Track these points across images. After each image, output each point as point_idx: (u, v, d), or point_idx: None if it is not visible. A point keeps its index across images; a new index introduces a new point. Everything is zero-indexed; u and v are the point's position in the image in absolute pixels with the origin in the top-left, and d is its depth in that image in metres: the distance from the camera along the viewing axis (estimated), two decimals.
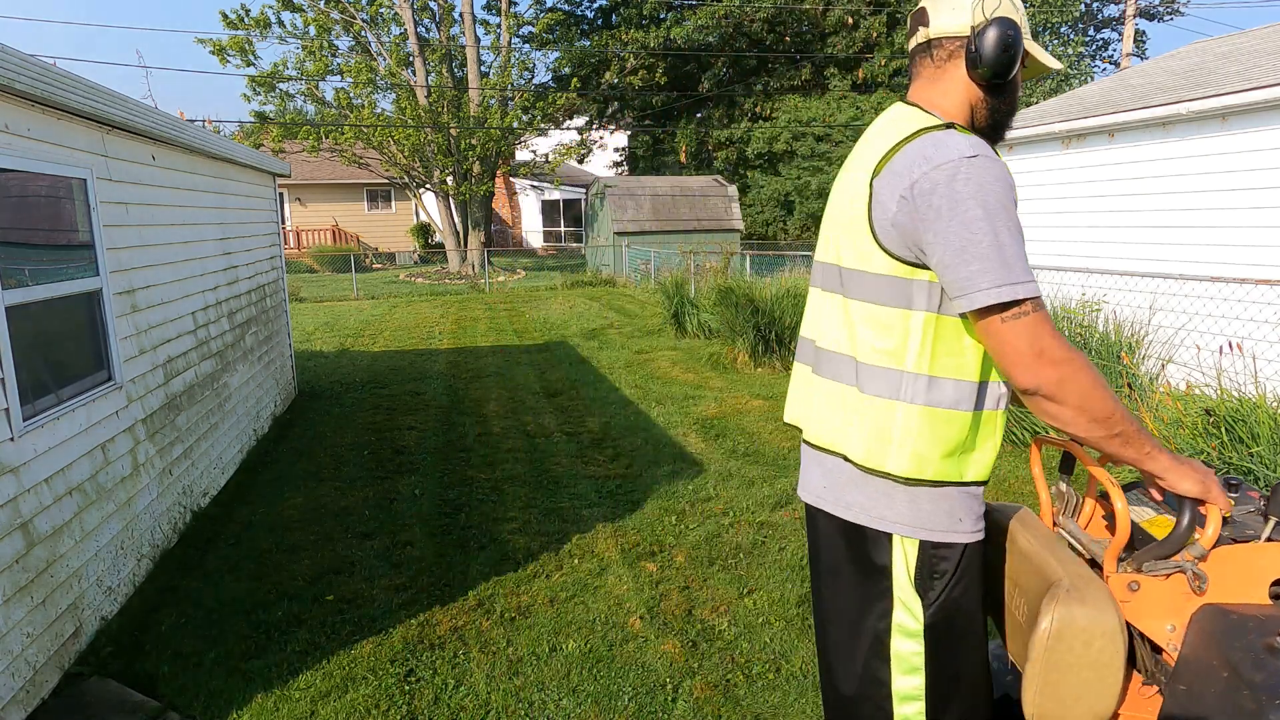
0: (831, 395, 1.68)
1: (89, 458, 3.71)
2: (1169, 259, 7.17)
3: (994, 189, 1.44)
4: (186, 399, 5.12)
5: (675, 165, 30.28)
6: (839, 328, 1.65)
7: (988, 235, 1.41)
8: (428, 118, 22.09)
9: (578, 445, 6.52)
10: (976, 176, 1.43)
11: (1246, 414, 3.93)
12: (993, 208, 1.42)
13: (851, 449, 1.61)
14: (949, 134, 1.50)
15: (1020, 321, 1.41)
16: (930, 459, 1.54)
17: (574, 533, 4.69)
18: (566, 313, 15.27)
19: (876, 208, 1.53)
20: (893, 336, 1.54)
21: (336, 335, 13.16)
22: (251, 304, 7.03)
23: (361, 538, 4.71)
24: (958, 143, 1.47)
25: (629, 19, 27.75)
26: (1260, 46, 8.64)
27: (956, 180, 1.43)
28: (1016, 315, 1.41)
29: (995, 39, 1.54)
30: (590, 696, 3.11)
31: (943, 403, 1.53)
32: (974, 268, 1.41)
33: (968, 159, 1.44)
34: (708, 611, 3.73)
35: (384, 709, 3.06)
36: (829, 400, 1.68)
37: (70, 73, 3.67)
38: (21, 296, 3.25)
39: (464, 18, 22.96)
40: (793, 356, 9.24)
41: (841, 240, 1.64)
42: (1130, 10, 21.34)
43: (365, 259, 28.49)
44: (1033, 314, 1.41)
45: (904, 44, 25.61)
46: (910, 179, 1.48)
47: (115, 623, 3.74)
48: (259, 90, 22.60)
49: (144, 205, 4.68)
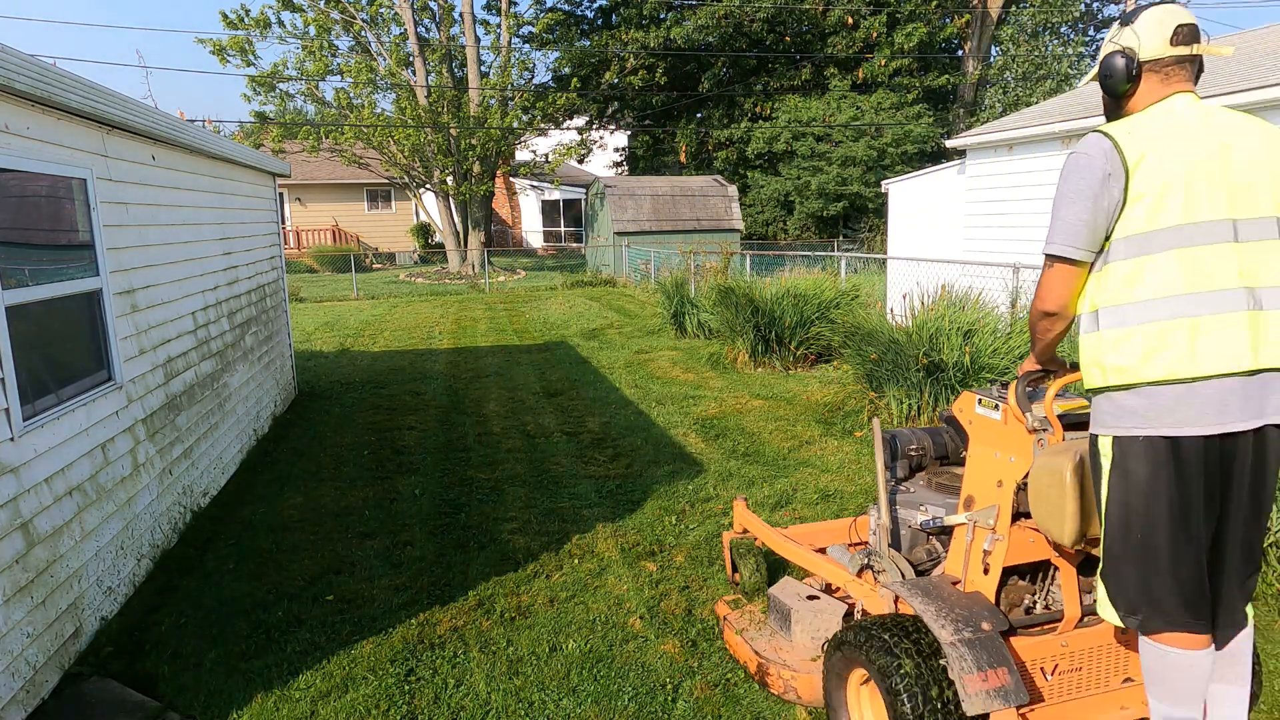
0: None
1: (89, 458, 3.71)
2: None
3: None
4: (186, 399, 5.12)
5: (675, 165, 30.28)
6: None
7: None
8: (428, 118, 22.09)
9: (578, 445, 6.52)
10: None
11: None
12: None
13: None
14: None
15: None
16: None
17: (574, 533, 4.69)
18: (566, 313, 15.28)
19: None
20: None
21: (336, 335, 13.17)
22: (251, 304, 7.03)
23: (361, 538, 4.71)
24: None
25: (629, 19, 27.75)
26: (1260, 46, 8.65)
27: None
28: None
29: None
30: (590, 696, 3.11)
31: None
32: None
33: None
34: (708, 611, 3.73)
35: (384, 709, 3.06)
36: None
37: (70, 73, 3.67)
38: (22, 296, 3.25)
39: (464, 18, 22.95)
40: (792, 356, 9.25)
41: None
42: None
43: (365, 259, 28.50)
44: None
45: (904, 43, 25.08)
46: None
47: (115, 623, 3.74)
48: (259, 90, 22.60)
49: (144, 205, 4.68)
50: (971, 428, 2.71)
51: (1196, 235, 2.05)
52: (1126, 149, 2.08)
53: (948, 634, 2.37)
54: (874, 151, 24.61)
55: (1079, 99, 9.70)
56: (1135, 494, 2.11)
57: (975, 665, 2.30)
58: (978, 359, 6.40)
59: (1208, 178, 2.06)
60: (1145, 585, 2.13)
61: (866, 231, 25.39)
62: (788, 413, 7.31)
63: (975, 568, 2.60)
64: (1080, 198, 2.11)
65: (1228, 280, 2.04)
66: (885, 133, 24.83)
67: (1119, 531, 2.16)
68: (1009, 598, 2.61)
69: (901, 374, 6.77)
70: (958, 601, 2.51)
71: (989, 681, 2.28)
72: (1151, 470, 2.08)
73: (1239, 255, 2.05)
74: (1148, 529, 2.10)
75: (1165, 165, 2.06)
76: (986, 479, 2.60)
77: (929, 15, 26.03)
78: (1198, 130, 2.11)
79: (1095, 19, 29.07)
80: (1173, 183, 2.05)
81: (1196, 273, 2.04)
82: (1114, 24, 2.32)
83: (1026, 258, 8.53)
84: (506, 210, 35.88)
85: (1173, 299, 2.05)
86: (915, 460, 3.14)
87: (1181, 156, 2.07)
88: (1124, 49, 2.19)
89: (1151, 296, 2.07)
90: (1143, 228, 2.08)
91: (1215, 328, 2.03)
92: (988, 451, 2.62)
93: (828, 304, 9.48)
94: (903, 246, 12.09)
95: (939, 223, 11.25)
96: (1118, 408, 2.13)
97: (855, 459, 5.96)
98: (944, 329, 6.69)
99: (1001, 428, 2.56)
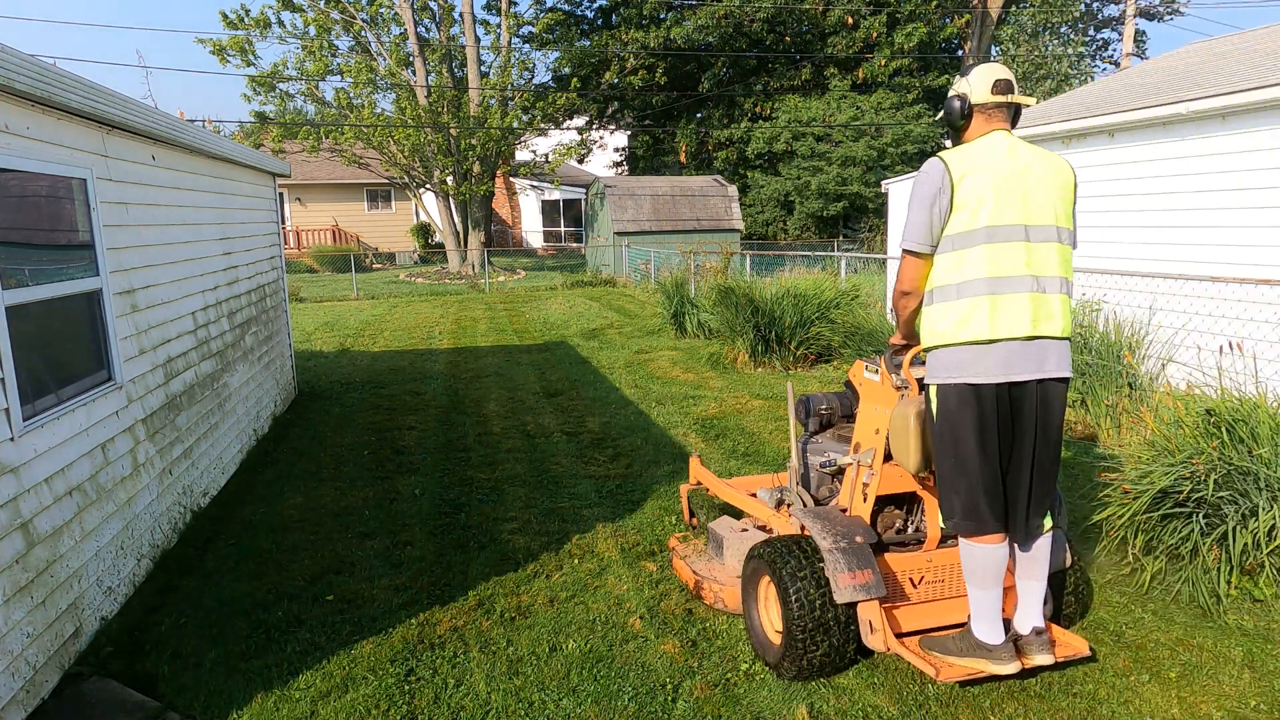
0: (1063, 301, 2.79)
1: (89, 458, 3.71)
2: (1169, 259, 7.17)
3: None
4: (186, 399, 5.12)
5: (675, 165, 30.26)
6: (1059, 261, 2.80)
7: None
8: (428, 118, 22.08)
9: (578, 445, 6.52)
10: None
11: (1247, 414, 3.93)
12: None
13: (1068, 332, 2.80)
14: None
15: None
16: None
17: (574, 533, 4.69)
18: (566, 313, 15.28)
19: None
20: (1070, 266, 2.86)
21: (336, 335, 13.16)
22: (251, 304, 7.03)
23: (361, 538, 4.71)
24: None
25: (629, 19, 27.73)
26: (1260, 46, 8.64)
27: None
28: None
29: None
30: (590, 696, 3.11)
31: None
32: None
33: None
34: (707, 611, 3.73)
35: (384, 709, 3.06)
36: (1063, 307, 2.78)
37: (70, 73, 3.67)
38: (22, 296, 3.25)
39: (464, 18, 22.95)
40: (792, 356, 9.26)
41: (1060, 210, 2.82)
42: (1130, 10, 21.34)
43: (365, 259, 28.50)
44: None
45: (904, 43, 25.05)
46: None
47: (115, 623, 3.74)
48: (259, 90, 22.59)
49: (144, 205, 4.68)
50: (861, 389, 3.44)
51: (999, 235, 2.73)
52: (954, 170, 2.76)
53: (827, 544, 3.05)
54: (874, 151, 24.60)
55: (1079, 99, 9.70)
56: (951, 425, 2.82)
57: (846, 567, 2.97)
58: None
59: (1010, 193, 2.74)
60: (961, 498, 2.85)
61: (866, 231, 25.39)
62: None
63: (857, 498, 3.27)
64: (922, 207, 2.81)
65: (1019, 269, 2.74)
66: (885, 133, 24.82)
67: (942, 455, 2.88)
68: (884, 521, 3.30)
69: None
70: (841, 522, 3.18)
71: (856, 579, 2.95)
72: (961, 408, 2.79)
73: (1028, 251, 2.75)
74: (960, 451, 2.82)
75: (980, 182, 2.74)
76: (869, 428, 3.30)
77: (929, 15, 26.01)
78: (1006, 158, 2.78)
79: (1095, 19, 29.08)
80: (985, 195, 2.73)
81: (998, 263, 2.74)
82: (956, 75, 3.11)
83: None
84: (506, 210, 35.87)
85: (980, 281, 2.74)
86: (825, 418, 3.78)
87: (992, 176, 2.74)
88: (960, 94, 2.90)
89: (966, 280, 2.76)
90: (963, 229, 2.76)
91: (1008, 305, 2.73)
92: (870, 406, 3.32)
93: (828, 304, 9.48)
94: None
95: None
96: (939, 363, 2.85)
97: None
98: None
99: (878, 387, 3.29)
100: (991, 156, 2.77)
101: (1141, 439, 4.26)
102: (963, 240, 2.76)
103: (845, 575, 2.94)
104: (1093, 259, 7.89)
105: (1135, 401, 5.82)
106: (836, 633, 3.03)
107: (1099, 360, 6.41)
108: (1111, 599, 3.79)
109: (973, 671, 2.89)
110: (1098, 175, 8.13)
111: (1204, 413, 4.00)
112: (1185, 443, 3.93)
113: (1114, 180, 7.94)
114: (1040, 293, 2.74)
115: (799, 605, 2.99)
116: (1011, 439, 2.81)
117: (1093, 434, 6.04)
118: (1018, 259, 2.72)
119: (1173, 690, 3.08)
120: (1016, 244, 2.72)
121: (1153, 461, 4.00)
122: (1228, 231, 6.79)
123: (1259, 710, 2.95)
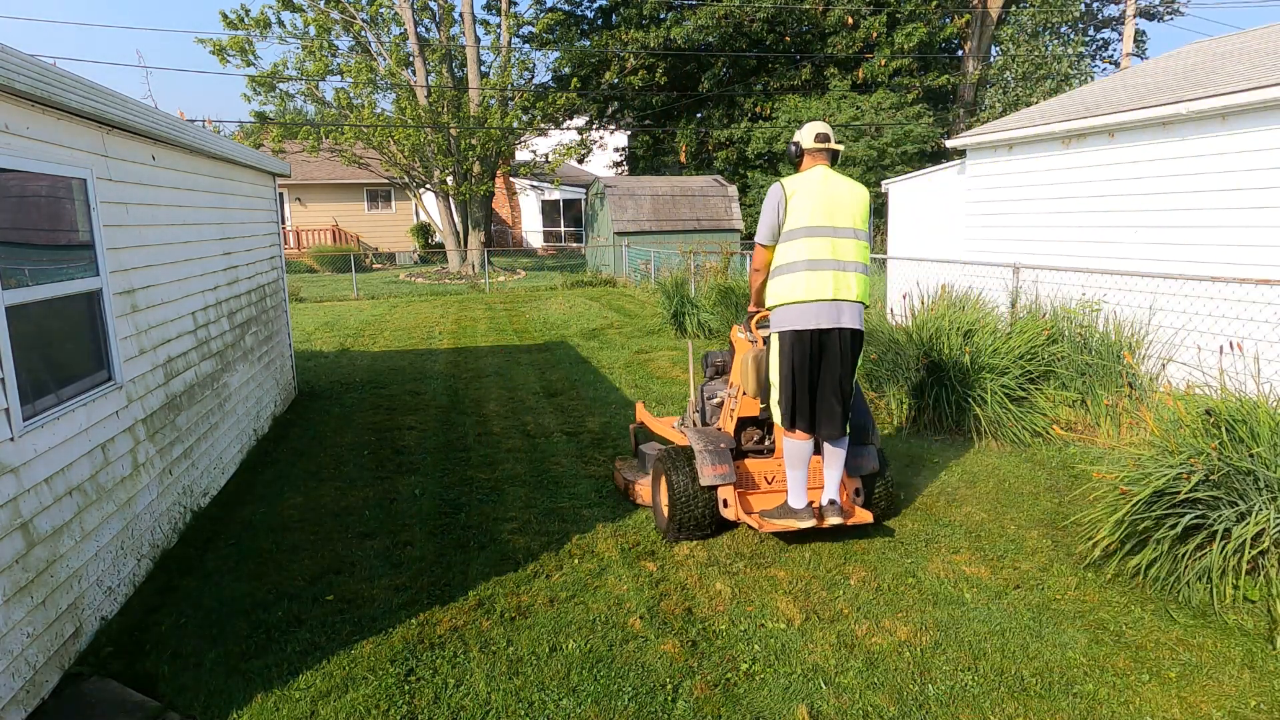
0: (860, 278, 4.14)
1: (89, 458, 3.71)
2: (1169, 259, 7.17)
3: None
4: (186, 399, 5.12)
5: (675, 165, 30.25)
6: (855, 252, 4.15)
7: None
8: (428, 118, 22.08)
9: (578, 445, 6.52)
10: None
11: (1247, 414, 3.93)
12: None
13: (862, 298, 4.16)
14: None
15: None
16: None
17: (574, 533, 4.69)
18: (566, 313, 15.27)
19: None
20: (866, 256, 4.21)
21: (336, 335, 13.16)
22: (251, 304, 7.03)
23: (361, 538, 4.71)
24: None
25: (629, 19, 27.71)
26: (1260, 46, 8.64)
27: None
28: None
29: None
30: (590, 696, 3.11)
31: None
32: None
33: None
34: (707, 611, 3.73)
35: (384, 709, 3.06)
36: (859, 282, 4.13)
37: (70, 73, 3.67)
38: (22, 296, 3.25)
39: (464, 18, 22.94)
40: None
41: (857, 217, 4.18)
42: (1130, 10, 21.34)
43: (365, 259, 28.49)
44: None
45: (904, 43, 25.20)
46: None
47: (115, 623, 3.74)
48: (259, 90, 22.58)
49: (144, 205, 4.68)
50: (735, 345, 4.82)
51: (814, 232, 4.11)
52: (788, 190, 4.17)
53: (699, 448, 4.44)
54: (874, 151, 24.58)
55: (1079, 99, 9.70)
56: (784, 360, 4.19)
57: (710, 462, 4.36)
58: (978, 358, 6.40)
59: (822, 206, 4.12)
60: (786, 407, 4.21)
61: None
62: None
63: (726, 420, 4.73)
64: (768, 213, 4.21)
65: (826, 255, 4.11)
66: (885, 133, 24.81)
67: (780, 379, 4.23)
68: (746, 437, 4.74)
69: (901, 374, 6.77)
70: (712, 435, 4.62)
71: (716, 471, 4.34)
72: (789, 348, 4.16)
73: (833, 244, 4.12)
74: (788, 377, 4.18)
75: (802, 198, 4.14)
76: (737, 371, 4.63)
77: (929, 15, 26.00)
78: (821, 183, 4.18)
79: (1095, 19, 29.07)
80: (805, 206, 4.13)
81: (813, 250, 4.11)
82: (798, 129, 4.87)
83: (1026, 258, 8.53)
84: (506, 210, 35.87)
85: (800, 263, 4.12)
86: (719, 367, 5.25)
87: (811, 195, 4.13)
88: (796, 142, 4.35)
89: (791, 261, 4.14)
90: (792, 228, 4.15)
91: (818, 278, 4.09)
92: (739, 356, 4.63)
93: None
94: (902, 246, 12.08)
95: (939, 223, 11.24)
96: (777, 318, 4.22)
97: None
98: (944, 329, 6.69)
99: (743, 342, 4.69)
100: (812, 182, 4.17)
101: (1141, 439, 4.26)
102: (791, 235, 4.15)
103: (709, 468, 4.34)
104: (1093, 259, 7.89)
105: (1135, 401, 5.82)
106: (701, 506, 4.38)
107: (1099, 360, 6.42)
108: (1112, 599, 3.80)
109: (785, 527, 4.23)
110: (1098, 175, 8.13)
111: (1204, 413, 4.00)
112: (1185, 443, 3.93)
113: (1114, 180, 7.94)
114: (841, 271, 4.12)
115: (679, 488, 4.37)
116: (821, 370, 4.17)
117: (1093, 434, 6.04)
118: (826, 248, 4.11)
119: (1173, 690, 3.08)
120: (825, 239, 4.11)
121: (1152, 461, 4.00)
122: (1228, 231, 6.79)
123: (1259, 710, 2.95)
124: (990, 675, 3.20)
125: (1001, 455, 5.98)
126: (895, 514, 4.85)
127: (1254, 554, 3.61)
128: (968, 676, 3.20)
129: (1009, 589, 3.93)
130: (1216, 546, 3.64)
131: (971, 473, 5.61)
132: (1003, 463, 5.80)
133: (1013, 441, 6.17)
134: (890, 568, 4.17)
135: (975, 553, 4.35)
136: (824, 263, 4.06)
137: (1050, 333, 6.73)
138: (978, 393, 6.31)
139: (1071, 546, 4.36)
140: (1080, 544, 4.29)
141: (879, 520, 4.65)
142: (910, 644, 3.44)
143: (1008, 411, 6.21)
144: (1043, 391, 6.43)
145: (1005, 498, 5.15)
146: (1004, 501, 5.08)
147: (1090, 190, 8.22)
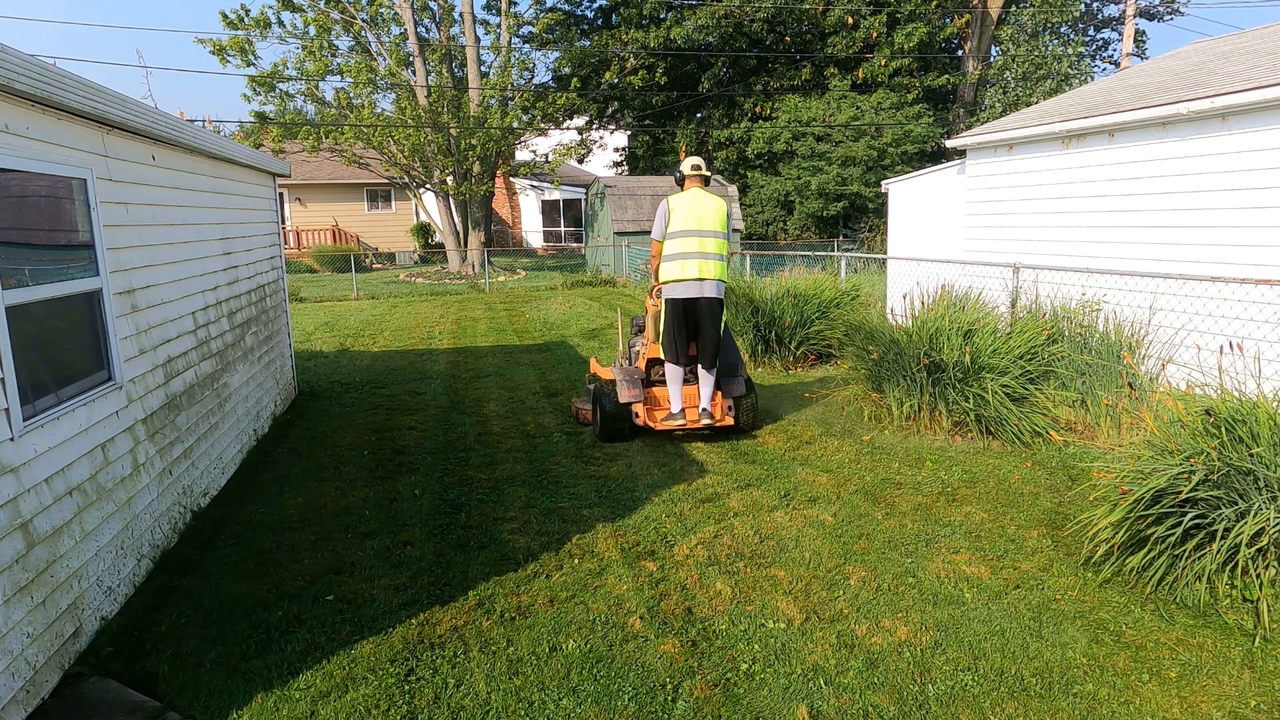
0: (718, 264, 6.21)
1: (89, 458, 3.71)
2: (1169, 259, 7.17)
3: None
4: (186, 399, 5.12)
5: (675, 165, 30.22)
6: (715, 246, 6.21)
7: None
8: (428, 118, 22.08)
9: (578, 445, 6.52)
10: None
11: (1246, 414, 3.93)
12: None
13: (719, 277, 6.26)
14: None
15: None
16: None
17: (574, 533, 4.69)
18: (566, 313, 15.28)
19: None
20: (723, 249, 6.30)
21: (336, 335, 13.16)
22: (251, 304, 7.03)
23: (361, 538, 4.71)
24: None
25: (629, 19, 27.72)
26: (1260, 46, 8.64)
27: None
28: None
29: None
30: (590, 696, 3.11)
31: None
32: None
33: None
34: (707, 611, 3.73)
35: (384, 709, 3.06)
36: (716, 266, 6.20)
37: (70, 73, 3.67)
38: (22, 296, 3.25)
39: (464, 18, 22.94)
40: (792, 356, 9.28)
41: (717, 223, 6.24)
42: (1130, 10, 21.34)
43: (365, 259, 28.49)
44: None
45: (904, 43, 25.23)
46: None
47: (115, 623, 3.74)
48: (259, 90, 22.57)
49: (144, 205, 4.68)
50: (648, 309, 6.62)
51: (688, 233, 6.11)
52: (671, 204, 6.16)
53: (619, 378, 6.52)
54: (874, 151, 24.59)
55: (1079, 99, 9.69)
56: (668, 317, 6.22)
57: (626, 386, 6.44)
58: (978, 358, 6.40)
59: (693, 214, 6.11)
60: (668, 347, 6.26)
61: (866, 231, 25.38)
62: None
63: (640, 361, 6.75)
64: (659, 220, 6.19)
65: (694, 249, 6.09)
66: (885, 133, 24.82)
67: (664, 330, 6.27)
68: (653, 373, 6.71)
69: (902, 374, 6.77)
70: (629, 371, 6.61)
71: (630, 393, 6.41)
72: (672, 311, 6.18)
73: (700, 240, 6.10)
74: (669, 329, 6.22)
75: (681, 210, 6.13)
76: (650, 328, 6.59)
77: (929, 15, 26.01)
78: (694, 200, 6.15)
79: (1095, 19, 29.07)
80: (681, 215, 6.12)
81: (685, 245, 6.11)
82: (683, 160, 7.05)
83: (1026, 258, 8.53)
84: (506, 210, 35.87)
85: (678, 254, 6.12)
86: (639, 327, 7.18)
87: (686, 207, 6.12)
88: (679, 169, 6.34)
89: (673, 253, 6.14)
90: (673, 230, 6.14)
91: (689, 264, 6.10)
92: (651, 318, 6.57)
93: (828, 304, 9.48)
94: (903, 246, 12.08)
95: (939, 223, 11.24)
96: (665, 291, 6.21)
97: (855, 459, 5.96)
98: (944, 329, 6.69)
99: (652, 307, 6.54)
100: (687, 199, 6.15)
101: (1141, 439, 4.26)
102: (673, 234, 6.14)
103: (625, 391, 6.41)
104: (1093, 259, 7.89)
105: (1135, 401, 5.82)
106: (621, 418, 6.41)
107: (1099, 360, 6.42)
108: (1111, 599, 3.80)
109: (671, 426, 6.32)
110: (1098, 175, 8.13)
111: (1203, 413, 4.00)
112: (1185, 443, 3.93)
113: (1114, 180, 7.93)
114: (704, 259, 6.09)
115: (607, 407, 6.43)
116: (698, 324, 6.16)
117: (1093, 434, 6.04)
118: (694, 244, 6.09)
119: (1173, 690, 3.08)
120: (694, 237, 6.09)
121: (1152, 461, 4.00)
122: (1227, 231, 6.78)
123: (1259, 710, 2.95)
124: (990, 675, 3.21)
125: (1001, 455, 5.98)
126: (757, 427, 6.82)
127: (1253, 553, 3.61)
128: (968, 676, 3.20)
129: (1009, 589, 3.93)
130: (1216, 546, 3.64)
131: (971, 473, 5.62)
132: (1003, 463, 5.80)
133: (1013, 441, 6.17)
134: (890, 568, 4.17)
135: (975, 553, 4.35)
136: (693, 254, 6.07)
137: (1050, 333, 6.73)
138: (978, 392, 6.31)
139: (1071, 546, 4.36)
140: (1080, 544, 4.30)
141: (743, 428, 6.66)
142: (910, 644, 3.44)
143: (1008, 411, 6.21)
144: (1043, 391, 6.42)
145: (1005, 498, 5.15)
146: (1004, 501, 5.08)
147: (1090, 190, 8.21)
